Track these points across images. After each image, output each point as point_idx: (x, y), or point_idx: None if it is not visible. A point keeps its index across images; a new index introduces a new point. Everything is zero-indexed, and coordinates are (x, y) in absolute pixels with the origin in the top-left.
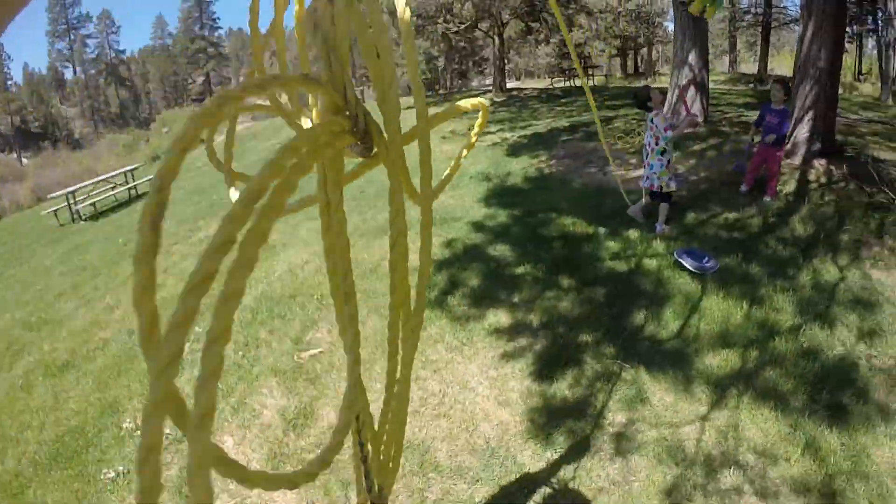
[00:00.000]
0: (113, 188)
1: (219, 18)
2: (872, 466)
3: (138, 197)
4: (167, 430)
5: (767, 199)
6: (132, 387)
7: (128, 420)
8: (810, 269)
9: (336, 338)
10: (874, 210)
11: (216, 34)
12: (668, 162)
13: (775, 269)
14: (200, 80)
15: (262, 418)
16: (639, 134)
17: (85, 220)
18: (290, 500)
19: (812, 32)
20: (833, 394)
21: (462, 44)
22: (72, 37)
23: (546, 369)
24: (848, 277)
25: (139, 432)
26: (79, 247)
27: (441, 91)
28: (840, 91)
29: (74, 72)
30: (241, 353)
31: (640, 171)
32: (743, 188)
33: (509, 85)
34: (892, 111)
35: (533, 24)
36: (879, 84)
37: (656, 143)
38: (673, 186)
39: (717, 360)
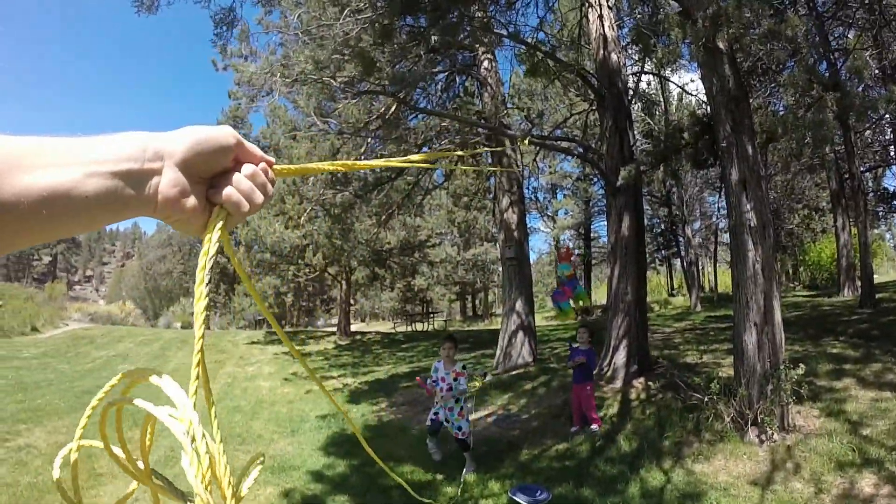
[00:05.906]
0: None
1: None
2: None
3: None
4: None
5: (594, 427)
6: None
7: None
8: (637, 481)
9: None
10: (689, 412)
11: None
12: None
13: (605, 488)
14: (47, 259)
15: None
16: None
17: None
18: None
19: (618, 273)
20: None
21: (310, 288)
22: None
23: None
24: (673, 478)
25: None
26: None
27: (287, 328)
28: (656, 308)
29: None
30: None
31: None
32: (573, 428)
33: (354, 327)
34: (701, 316)
35: (379, 271)
36: (689, 295)
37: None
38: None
39: None
